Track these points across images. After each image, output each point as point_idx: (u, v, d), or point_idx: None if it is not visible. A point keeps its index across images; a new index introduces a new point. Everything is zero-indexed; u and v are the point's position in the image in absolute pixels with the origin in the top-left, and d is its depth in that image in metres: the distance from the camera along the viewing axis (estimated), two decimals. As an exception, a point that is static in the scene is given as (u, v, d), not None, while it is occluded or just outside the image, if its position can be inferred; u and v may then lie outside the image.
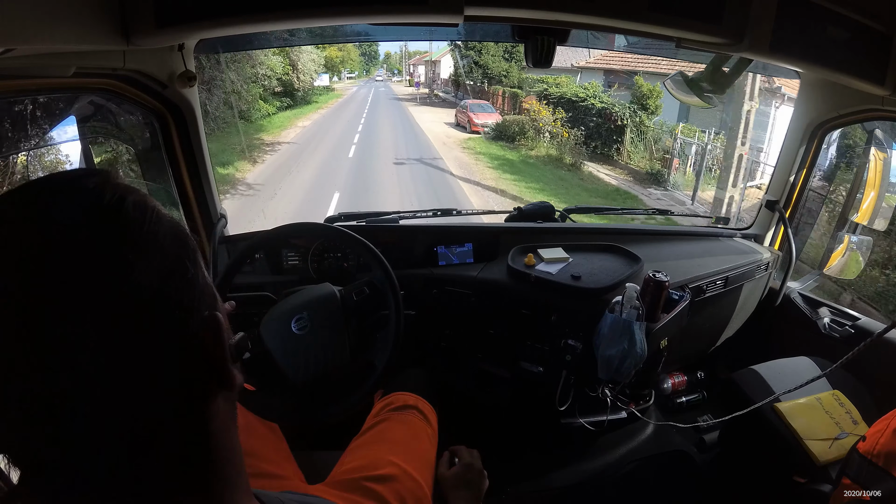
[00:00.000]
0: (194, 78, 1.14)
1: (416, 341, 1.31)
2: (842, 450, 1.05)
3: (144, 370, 0.30)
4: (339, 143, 12.12)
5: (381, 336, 1.03)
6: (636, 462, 1.48)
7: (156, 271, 0.31)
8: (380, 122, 16.54)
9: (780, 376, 1.25)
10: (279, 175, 9.21)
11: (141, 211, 0.32)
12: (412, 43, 31.23)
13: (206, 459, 0.34)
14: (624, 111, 10.24)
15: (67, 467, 0.28)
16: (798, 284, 1.61)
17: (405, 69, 37.22)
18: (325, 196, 7.76)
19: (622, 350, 1.09)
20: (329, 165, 10.06)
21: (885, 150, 1.40)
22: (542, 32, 1.02)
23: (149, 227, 0.32)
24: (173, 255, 0.33)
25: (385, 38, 3.46)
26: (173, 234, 0.34)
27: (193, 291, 0.34)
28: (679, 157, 9.10)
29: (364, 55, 40.87)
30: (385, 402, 1.00)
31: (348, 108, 19.73)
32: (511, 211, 1.62)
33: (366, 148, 11.75)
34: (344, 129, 14.25)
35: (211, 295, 0.36)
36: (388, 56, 45.83)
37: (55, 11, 0.66)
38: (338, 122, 15.83)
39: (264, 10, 0.81)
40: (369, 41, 14.75)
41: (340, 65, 30.09)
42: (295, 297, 1.06)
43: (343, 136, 12.98)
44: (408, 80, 33.86)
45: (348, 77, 36.42)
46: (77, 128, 1.26)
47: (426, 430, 0.96)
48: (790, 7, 0.87)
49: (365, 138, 12.96)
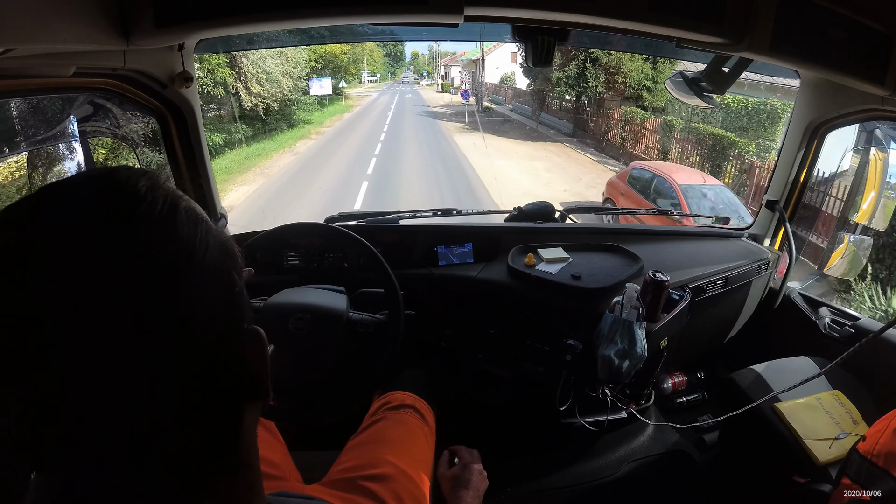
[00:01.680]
0: (192, 78, 1.14)
1: (416, 341, 1.31)
2: (842, 450, 1.05)
3: (193, 386, 0.29)
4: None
5: (381, 337, 1.03)
6: (636, 462, 1.48)
7: (205, 287, 0.29)
8: (404, 185, 8.22)
9: (779, 376, 1.25)
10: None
11: (194, 222, 0.30)
12: (443, 42, 24.71)
13: (235, 467, 0.33)
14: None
15: (69, 468, 0.28)
16: (798, 284, 1.61)
17: (435, 71, 32.47)
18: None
19: (622, 350, 1.09)
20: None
21: (885, 150, 1.40)
22: (542, 32, 1.03)
23: (202, 238, 0.30)
24: (223, 269, 0.31)
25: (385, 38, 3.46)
26: (222, 246, 0.32)
27: (241, 306, 0.33)
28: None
29: (388, 56, 36.38)
30: (382, 401, 1.01)
31: (352, 137, 12.99)
32: (511, 211, 1.62)
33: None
34: (318, 207, 6.99)
35: (250, 307, 0.35)
36: (416, 56, 40.96)
37: (55, 11, 0.66)
38: (309, 188, 8.09)
39: (264, 10, 0.81)
40: (369, 41, 13.73)
41: (351, 66, 22.68)
42: (306, 293, 1.05)
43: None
44: (440, 83, 27.98)
45: (370, 80, 31.81)
46: (77, 128, 1.26)
47: (423, 428, 0.96)
48: (790, 7, 0.87)
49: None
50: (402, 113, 17.80)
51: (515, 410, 1.50)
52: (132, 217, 0.28)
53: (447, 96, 22.49)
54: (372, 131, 14.08)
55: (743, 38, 0.89)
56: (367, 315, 1.05)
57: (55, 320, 0.25)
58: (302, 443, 1.03)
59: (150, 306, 0.27)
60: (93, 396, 0.26)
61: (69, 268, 0.26)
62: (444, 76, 28.59)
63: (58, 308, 0.25)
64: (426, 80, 35.41)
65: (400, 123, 15.46)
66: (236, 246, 0.34)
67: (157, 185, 0.30)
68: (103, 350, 0.26)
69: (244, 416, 0.34)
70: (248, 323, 0.34)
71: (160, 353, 0.27)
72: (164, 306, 0.27)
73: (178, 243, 0.29)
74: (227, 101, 10.07)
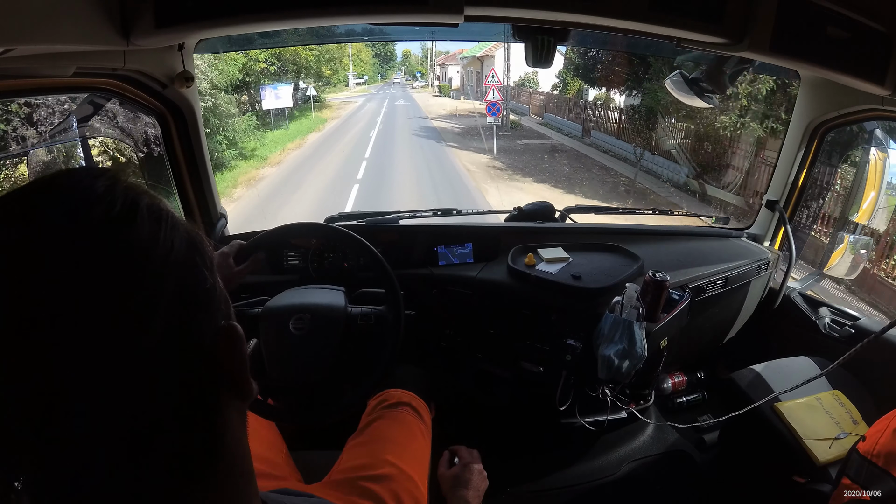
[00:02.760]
0: (193, 78, 1.14)
1: (416, 341, 1.31)
2: (842, 450, 1.05)
3: (155, 381, 0.29)
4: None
5: (381, 337, 1.03)
6: (636, 462, 1.48)
7: (168, 284, 0.29)
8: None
9: (779, 376, 1.25)
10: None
11: (156, 220, 0.30)
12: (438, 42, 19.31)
13: (215, 467, 0.33)
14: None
15: (67, 468, 0.28)
16: (798, 284, 1.61)
17: (430, 72, 28.41)
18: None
19: (622, 350, 1.09)
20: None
21: (885, 150, 1.40)
22: (542, 32, 1.03)
23: (165, 236, 0.30)
24: (189, 265, 0.31)
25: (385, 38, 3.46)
26: (189, 243, 0.32)
27: (211, 302, 0.33)
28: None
29: (378, 56, 33.01)
30: (378, 400, 1.01)
31: (308, 184, 8.27)
32: (511, 211, 1.62)
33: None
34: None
35: (226, 302, 0.35)
36: (408, 56, 36.80)
37: (55, 11, 0.66)
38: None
39: (264, 10, 0.81)
40: (369, 41, 10.19)
41: (325, 67, 16.37)
42: (304, 293, 1.06)
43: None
44: (437, 85, 23.73)
45: (357, 83, 28.36)
46: (77, 128, 1.26)
47: (420, 426, 0.97)
48: (790, 7, 0.87)
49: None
50: (391, 130, 12.38)
51: (515, 410, 1.50)
52: (88, 220, 0.28)
53: (447, 101, 17.47)
54: (340, 171, 9.10)
55: (743, 38, 0.89)
56: (366, 308, 1.06)
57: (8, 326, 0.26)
58: (302, 443, 1.03)
59: (105, 308, 0.27)
60: (49, 396, 0.26)
61: (15, 279, 0.26)
62: (440, 77, 24.29)
63: (8, 315, 0.26)
64: (419, 81, 31.92)
65: (387, 152, 10.23)
66: (206, 241, 0.34)
67: (115, 185, 0.30)
68: (59, 352, 0.26)
69: (225, 413, 0.33)
70: (223, 319, 0.34)
71: (121, 352, 0.27)
72: (120, 307, 0.27)
73: (138, 242, 0.29)
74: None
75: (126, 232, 0.29)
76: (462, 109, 14.97)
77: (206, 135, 1.28)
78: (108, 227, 0.28)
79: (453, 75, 21.23)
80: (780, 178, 1.50)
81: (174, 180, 1.29)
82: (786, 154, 1.46)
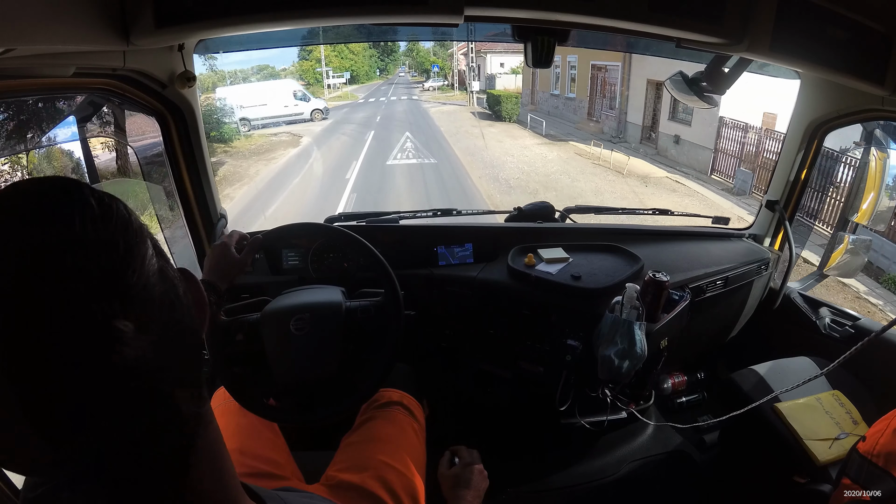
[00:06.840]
0: (193, 78, 1.14)
1: (416, 341, 1.31)
2: (842, 450, 1.05)
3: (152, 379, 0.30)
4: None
5: (382, 331, 1.03)
6: (636, 462, 1.48)
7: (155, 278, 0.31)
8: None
9: (779, 376, 1.25)
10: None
11: (125, 222, 0.31)
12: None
13: (196, 460, 0.34)
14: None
15: (66, 468, 0.28)
16: (798, 284, 1.61)
17: (454, 66, 19.17)
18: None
19: (622, 350, 1.09)
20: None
21: (885, 150, 1.40)
22: (542, 32, 1.02)
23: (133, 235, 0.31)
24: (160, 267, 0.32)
25: (383, 39, 3.47)
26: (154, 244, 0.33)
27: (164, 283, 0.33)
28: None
29: (376, 46, 23.83)
30: (370, 400, 1.01)
31: None
32: (511, 211, 1.62)
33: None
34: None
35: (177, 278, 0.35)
36: (414, 45, 26.13)
37: (55, 11, 0.66)
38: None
39: (264, 10, 0.81)
40: (367, 41, 10.24)
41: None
42: (302, 294, 1.06)
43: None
44: (474, 92, 13.82)
45: (338, 82, 20.76)
46: (77, 128, 1.26)
47: (413, 424, 0.97)
48: (790, 7, 0.87)
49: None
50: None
51: (515, 410, 1.50)
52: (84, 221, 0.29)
53: (519, 131, 8.96)
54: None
55: (743, 38, 0.89)
56: (364, 300, 1.05)
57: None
58: (303, 443, 1.03)
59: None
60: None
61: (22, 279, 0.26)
62: (476, 70, 13.18)
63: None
64: (435, 79, 21.86)
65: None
66: (145, 227, 0.33)
67: (87, 189, 0.30)
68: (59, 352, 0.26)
69: (176, 401, 0.32)
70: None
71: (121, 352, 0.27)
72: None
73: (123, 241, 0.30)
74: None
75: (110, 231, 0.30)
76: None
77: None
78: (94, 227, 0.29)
79: (497, 70, 12.31)
80: (780, 178, 1.50)
81: (174, 180, 1.29)
82: (786, 154, 1.46)
